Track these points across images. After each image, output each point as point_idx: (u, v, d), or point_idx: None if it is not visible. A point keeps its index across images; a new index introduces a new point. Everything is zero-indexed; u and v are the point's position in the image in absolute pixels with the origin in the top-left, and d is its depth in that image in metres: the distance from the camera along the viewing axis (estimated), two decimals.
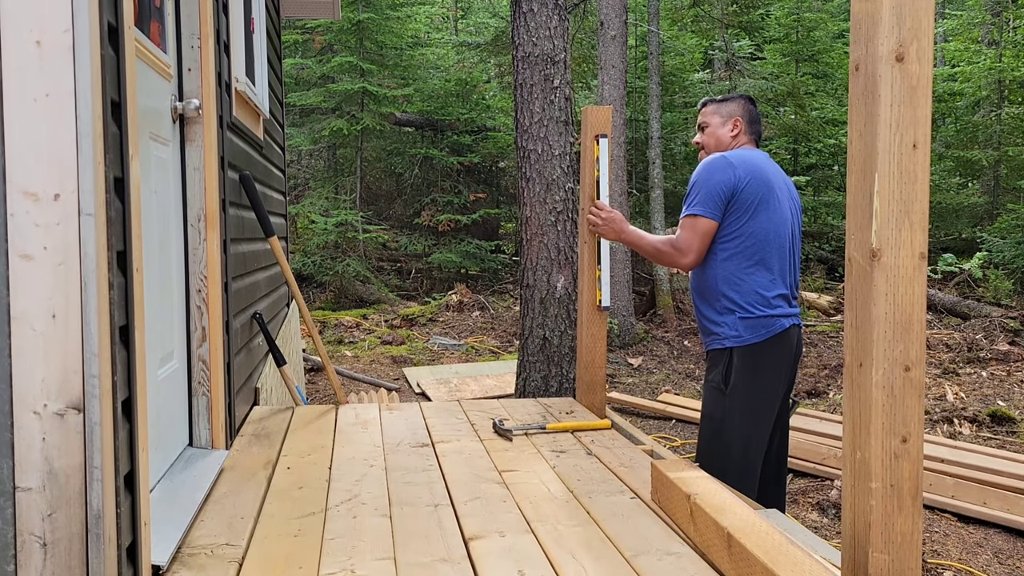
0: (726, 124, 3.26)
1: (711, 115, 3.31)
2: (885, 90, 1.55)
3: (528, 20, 4.43)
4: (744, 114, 3.26)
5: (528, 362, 4.46)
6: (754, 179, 3.04)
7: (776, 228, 3.06)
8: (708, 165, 3.10)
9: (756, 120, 3.30)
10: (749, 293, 3.02)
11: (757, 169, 3.07)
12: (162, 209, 2.53)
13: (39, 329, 1.47)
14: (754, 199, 3.03)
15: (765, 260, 3.04)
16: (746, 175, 3.03)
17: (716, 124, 3.28)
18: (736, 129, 3.24)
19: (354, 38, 11.88)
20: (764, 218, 3.04)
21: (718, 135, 3.27)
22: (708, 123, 3.31)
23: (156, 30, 2.50)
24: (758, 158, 3.14)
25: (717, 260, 3.07)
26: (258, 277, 4.04)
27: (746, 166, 3.06)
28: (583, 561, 2.00)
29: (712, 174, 3.06)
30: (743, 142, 3.25)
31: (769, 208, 3.05)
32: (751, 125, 3.27)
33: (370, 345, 8.68)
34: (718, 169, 3.06)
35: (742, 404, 3.02)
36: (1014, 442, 5.40)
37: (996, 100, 13.02)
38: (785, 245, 3.09)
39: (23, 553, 1.48)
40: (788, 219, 3.11)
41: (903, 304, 1.58)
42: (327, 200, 12.05)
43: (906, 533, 1.60)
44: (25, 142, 1.46)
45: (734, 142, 3.24)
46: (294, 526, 2.23)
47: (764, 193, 3.04)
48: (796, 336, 3.12)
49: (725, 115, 3.27)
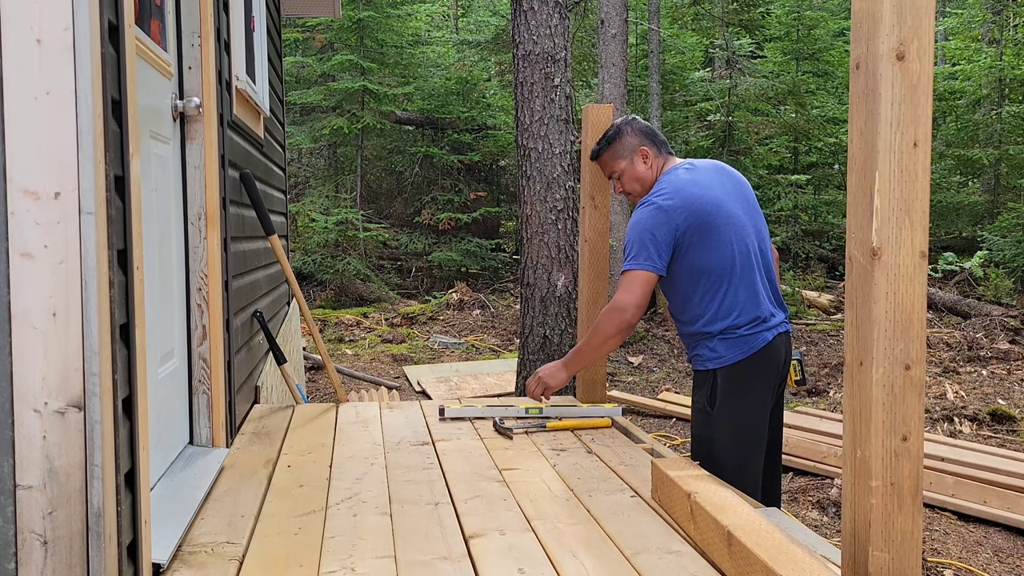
0: (635, 161, 3.01)
1: (614, 161, 3.05)
2: (886, 88, 1.55)
3: (528, 18, 4.43)
4: (642, 138, 3.02)
5: (528, 360, 4.46)
6: (692, 211, 2.82)
7: (735, 247, 2.85)
8: (639, 219, 2.87)
9: (653, 133, 3.06)
10: (724, 319, 2.86)
11: (693, 197, 2.84)
12: (163, 207, 2.53)
13: (39, 327, 1.47)
14: (699, 232, 2.83)
15: (732, 284, 2.85)
16: (683, 212, 2.82)
17: (626, 167, 3.03)
18: (646, 158, 3.00)
19: (355, 36, 11.88)
20: (717, 243, 2.84)
21: (637, 175, 3.02)
22: (617, 170, 3.06)
23: (156, 28, 2.49)
24: (689, 179, 2.91)
25: (686, 296, 2.91)
26: (258, 275, 4.04)
27: (680, 200, 2.83)
28: (583, 559, 2.00)
29: (644, 228, 2.83)
30: (662, 164, 3.01)
31: (720, 231, 2.83)
32: (655, 142, 3.03)
33: (370, 343, 8.68)
34: (650, 221, 2.83)
35: (731, 423, 2.88)
36: (1014, 441, 5.40)
37: (997, 99, 13.01)
38: (750, 257, 2.89)
39: (24, 551, 1.48)
40: (745, 227, 2.90)
41: (903, 303, 1.58)
42: (327, 198, 12.06)
43: (906, 531, 1.60)
44: (25, 140, 1.46)
45: (655, 171, 3.00)
46: (294, 524, 2.23)
47: (709, 219, 2.83)
48: (783, 344, 2.96)
49: (628, 152, 3.02)
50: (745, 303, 2.87)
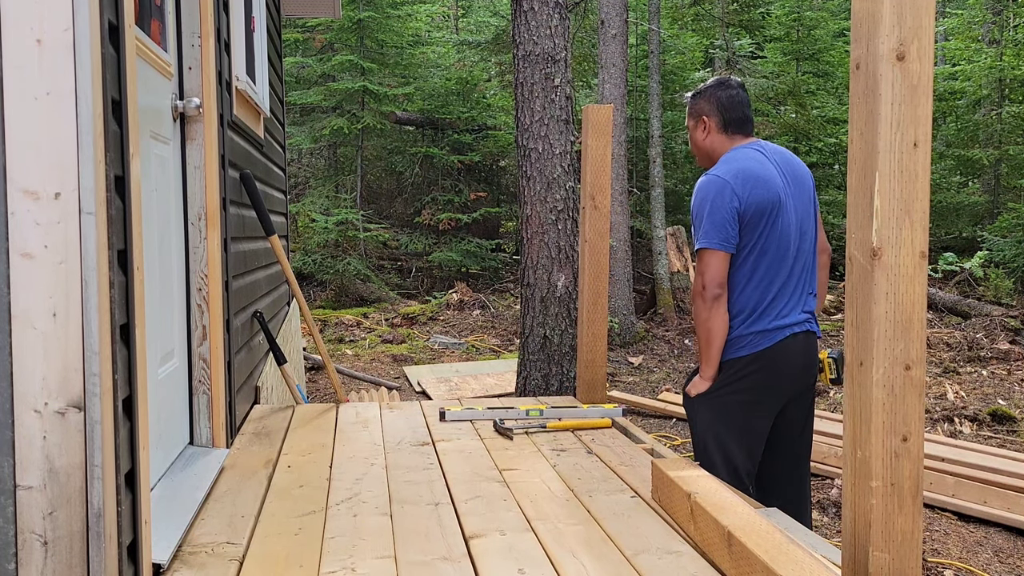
0: (697, 127, 2.96)
1: (688, 117, 3.02)
2: (886, 89, 1.55)
3: (529, 19, 4.43)
4: (714, 108, 2.92)
5: (529, 361, 4.46)
6: (752, 196, 2.76)
7: (778, 241, 2.81)
8: (702, 190, 2.81)
9: (733, 105, 2.91)
10: (737, 311, 2.83)
11: (754, 181, 2.78)
12: (163, 207, 2.53)
13: (40, 328, 1.47)
14: (758, 219, 2.78)
15: (750, 284, 2.82)
16: (745, 194, 2.75)
17: (692, 127, 2.99)
18: (707, 131, 2.94)
19: (355, 37, 11.88)
20: (767, 234, 2.80)
21: (696, 143, 2.98)
22: (688, 125, 3.02)
23: (157, 28, 2.49)
24: (751, 163, 2.82)
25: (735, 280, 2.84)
26: (259, 276, 4.04)
27: (741, 182, 2.77)
28: (583, 560, 2.00)
29: (706, 201, 2.78)
30: (724, 141, 2.92)
31: (772, 224, 2.79)
32: (728, 115, 2.91)
33: (370, 344, 8.68)
34: (709, 193, 2.78)
35: (712, 407, 2.86)
36: (1014, 441, 5.40)
37: (997, 99, 13.01)
38: (788, 255, 2.84)
39: (24, 551, 1.48)
40: (789, 225, 2.83)
41: (904, 303, 1.58)
42: (327, 199, 12.05)
43: (906, 532, 1.60)
44: (26, 140, 1.46)
45: (713, 145, 2.94)
46: (295, 524, 2.23)
47: (767, 207, 2.78)
48: (800, 345, 2.87)
49: (696, 115, 2.97)
50: (757, 305, 2.83)
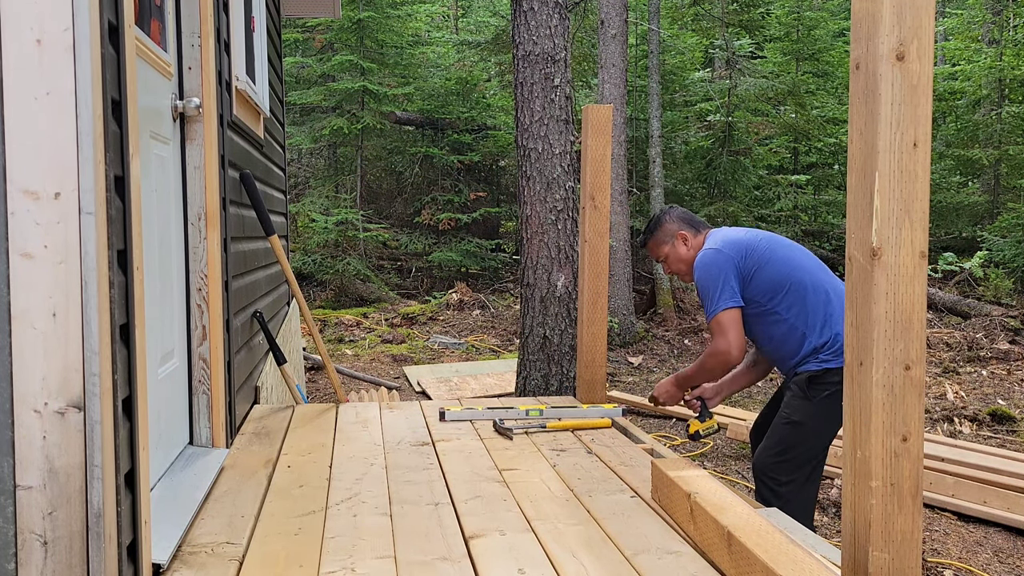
0: (676, 245, 3.32)
1: (658, 247, 3.37)
2: (886, 89, 1.55)
3: (528, 19, 4.43)
4: (678, 223, 3.33)
5: (528, 361, 4.46)
6: (739, 245, 3.13)
7: (802, 265, 3.14)
8: (701, 264, 3.16)
9: (689, 216, 3.37)
10: (817, 332, 3.06)
11: (735, 237, 3.18)
12: (162, 208, 2.53)
13: (39, 328, 1.47)
14: (767, 259, 3.12)
15: (810, 294, 3.09)
16: (731, 248, 3.13)
17: (669, 251, 3.34)
18: (685, 240, 3.31)
19: (354, 37, 11.87)
20: (786, 265, 3.12)
21: (680, 257, 3.32)
22: (662, 255, 3.37)
23: (156, 28, 2.49)
24: (728, 231, 3.25)
25: (777, 330, 3.13)
26: (258, 276, 4.04)
27: (726, 242, 3.15)
28: (583, 560, 2.00)
29: (709, 274, 3.12)
30: (701, 240, 3.29)
31: (773, 251, 3.14)
32: (692, 224, 3.33)
33: (370, 344, 8.68)
34: (711, 263, 3.13)
35: (834, 409, 3.00)
36: (1014, 441, 5.40)
37: (996, 99, 13.01)
38: (806, 289, 3.11)
39: (24, 551, 1.48)
40: (796, 253, 3.19)
41: (903, 303, 1.58)
42: (327, 199, 12.04)
43: (906, 532, 1.60)
44: (25, 141, 1.46)
45: (695, 249, 3.28)
46: (294, 524, 2.23)
47: (756, 246, 3.14)
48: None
49: (669, 238, 3.33)
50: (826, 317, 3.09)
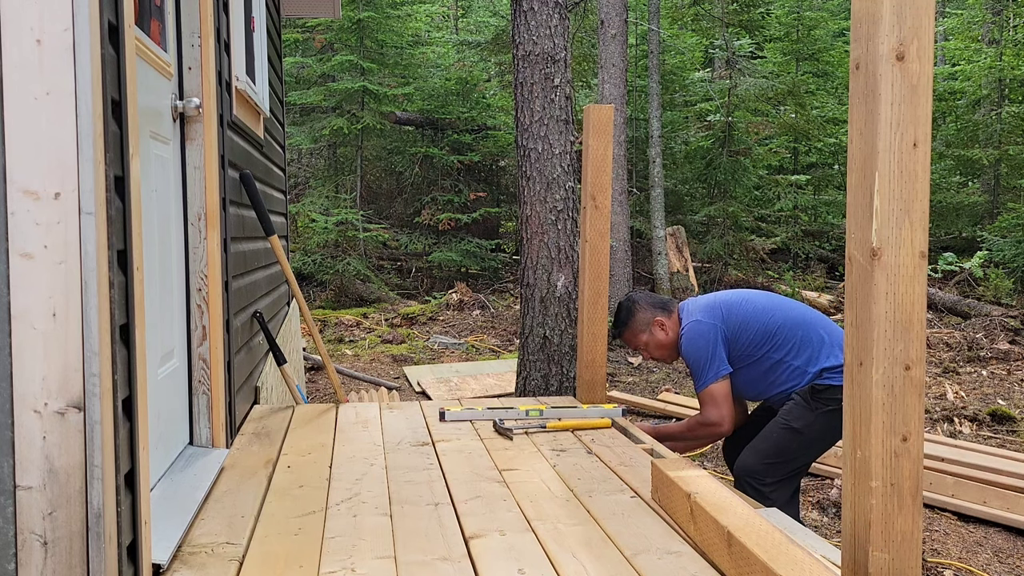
0: (654, 332, 3.39)
1: (635, 337, 3.44)
2: (885, 89, 1.55)
3: (528, 19, 4.43)
4: (650, 309, 3.40)
5: (528, 361, 4.46)
6: (716, 307, 3.26)
7: (776, 307, 3.27)
8: (688, 340, 3.26)
9: (655, 299, 3.48)
10: (813, 361, 3.17)
11: (711, 301, 3.31)
12: (162, 208, 2.53)
13: (39, 328, 1.47)
14: (736, 311, 3.25)
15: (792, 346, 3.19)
16: (711, 312, 3.25)
17: (648, 339, 3.41)
18: (662, 326, 3.38)
19: (354, 37, 11.87)
20: (756, 308, 3.25)
21: (660, 343, 3.40)
22: (641, 343, 3.44)
23: (156, 28, 2.49)
24: (699, 299, 3.38)
25: (771, 361, 3.22)
26: (258, 276, 4.04)
27: (703, 310, 3.27)
28: (583, 560, 2.00)
29: (697, 342, 3.23)
30: (676, 319, 3.37)
31: (753, 301, 3.28)
32: (662, 307, 3.41)
33: (370, 344, 8.68)
34: (699, 335, 3.23)
35: (833, 424, 3.12)
36: (1014, 441, 5.40)
37: (996, 99, 13.02)
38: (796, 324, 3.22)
39: (24, 551, 1.48)
40: (778, 303, 3.31)
41: (903, 303, 1.58)
42: (327, 199, 12.04)
43: (906, 532, 1.60)
44: (25, 141, 1.46)
45: (673, 331, 3.36)
46: (294, 525, 2.23)
47: (734, 301, 3.28)
48: None
49: (645, 326, 3.41)
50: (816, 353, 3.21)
